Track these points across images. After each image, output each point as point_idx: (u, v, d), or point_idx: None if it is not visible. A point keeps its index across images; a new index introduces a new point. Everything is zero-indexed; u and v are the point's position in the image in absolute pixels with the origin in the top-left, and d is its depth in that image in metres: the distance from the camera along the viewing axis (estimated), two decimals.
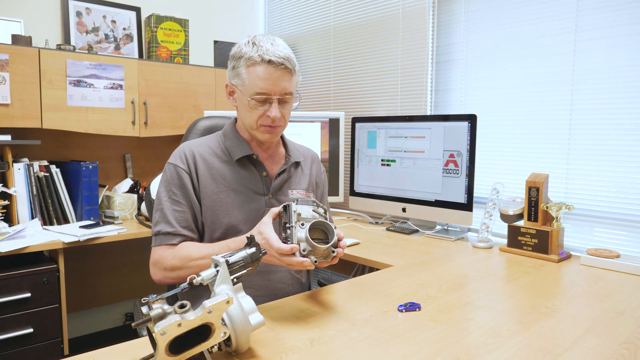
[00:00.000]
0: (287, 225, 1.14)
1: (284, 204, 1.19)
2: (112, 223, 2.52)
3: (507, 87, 2.25)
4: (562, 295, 1.41)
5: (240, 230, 1.34)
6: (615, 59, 1.91)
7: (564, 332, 1.13)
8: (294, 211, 1.15)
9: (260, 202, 1.39)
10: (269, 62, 1.27)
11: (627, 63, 1.88)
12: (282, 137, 1.52)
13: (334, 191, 2.71)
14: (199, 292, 1.32)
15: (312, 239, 1.12)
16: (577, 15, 2.00)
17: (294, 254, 1.11)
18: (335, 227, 1.15)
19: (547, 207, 1.86)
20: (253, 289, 1.34)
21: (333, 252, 1.14)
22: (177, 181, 1.35)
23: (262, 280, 1.38)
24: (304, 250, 1.12)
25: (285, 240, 1.14)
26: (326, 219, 1.17)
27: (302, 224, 1.13)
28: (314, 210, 1.17)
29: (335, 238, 1.13)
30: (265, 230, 1.15)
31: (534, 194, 1.89)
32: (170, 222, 1.32)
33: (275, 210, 1.20)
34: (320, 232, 1.16)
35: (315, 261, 1.12)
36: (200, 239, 1.37)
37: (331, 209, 1.68)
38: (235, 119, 1.47)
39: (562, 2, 2.04)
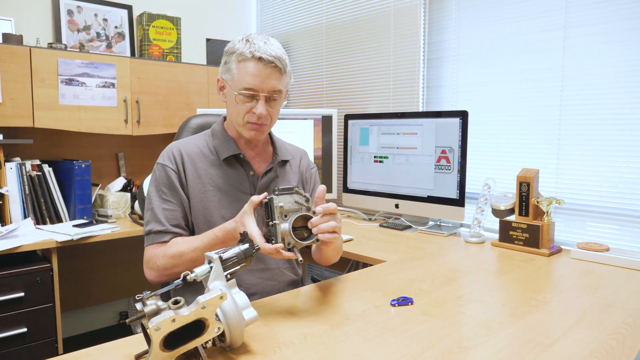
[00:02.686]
0: (270, 222, 1.14)
1: (266, 198, 1.16)
2: (106, 222, 2.52)
3: (497, 84, 2.27)
4: (552, 288, 1.43)
5: None
6: (604, 55, 1.93)
7: (554, 324, 1.15)
8: (276, 206, 1.13)
9: (247, 201, 1.39)
10: (260, 59, 1.27)
11: (616, 59, 1.90)
12: (270, 136, 1.52)
13: (327, 188, 2.71)
14: (193, 289, 1.33)
15: (296, 228, 1.13)
16: (566, 12, 2.02)
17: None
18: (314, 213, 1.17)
19: (537, 202, 1.88)
20: (244, 287, 1.35)
21: (317, 240, 1.15)
22: (166, 180, 1.35)
23: (253, 278, 1.39)
24: (288, 244, 1.13)
25: (268, 237, 1.14)
26: (308, 207, 1.17)
27: (285, 216, 1.14)
28: (296, 202, 1.16)
29: (317, 234, 1.15)
30: (248, 224, 1.14)
31: (525, 189, 1.91)
32: (160, 221, 1.32)
33: (256, 199, 1.17)
34: (304, 219, 1.16)
35: (301, 260, 1.14)
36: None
37: None
38: (224, 118, 1.47)
39: None
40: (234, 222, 1.19)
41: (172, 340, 0.85)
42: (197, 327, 0.87)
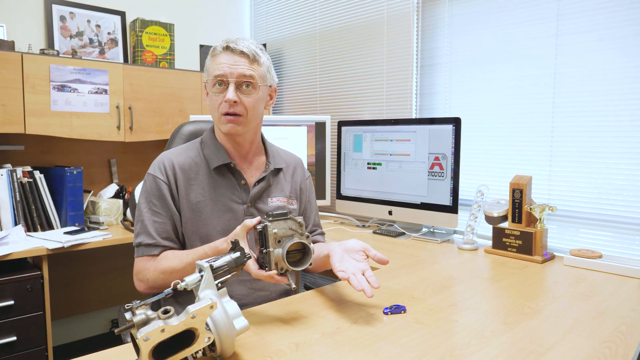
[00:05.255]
0: (264, 250, 1.14)
1: (259, 225, 1.16)
2: (97, 229, 2.50)
3: (490, 90, 2.28)
4: (545, 295, 1.43)
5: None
6: (596, 62, 1.94)
7: (546, 332, 1.15)
8: (270, 233, 1.13)
9: (239, 211, 1.38)
10: (227, 47, 1.32)
11: (608, 66, 1.92)
12: (264, 143, 1.51)
13: (320, 195, 2.71)
14: (183, 298, 1.31)
15: (289, 252, 1.14)
16: (557, 19, 2.04)
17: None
18: (310, 240, 1.17)
19: (530, 209, 1.88)
20: (236, 298, 1.34)
21: (310, 264, 1.17)
22: (157, 192, 1.34)
23: (244, 289, 1.38)
24: (281, 269, 1.13)
25: (261, 263, 1.15)
26: (302, 233, 1.17)
27: (279, 241, 1.14)
28: (290, 228, 1.16)
29: (310, 260, 1.16)
30: None
31: (518, 195, 1.91)
32: (150, 234, 1.31)
33: (249, 223, 1.16)
34: (298, 243, 1.16)
35: (295, 288, 1.15)
36: (182, 249, 1.36)
37: (319, 213, 1.68)
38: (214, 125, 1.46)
39: (543, 6, 2.07)
40: (226, 243, 1.18)
41: (161, 350, 0.84)
42: (187, 337, 0.86)
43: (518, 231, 1.88)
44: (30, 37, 2.67)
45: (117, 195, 2.76)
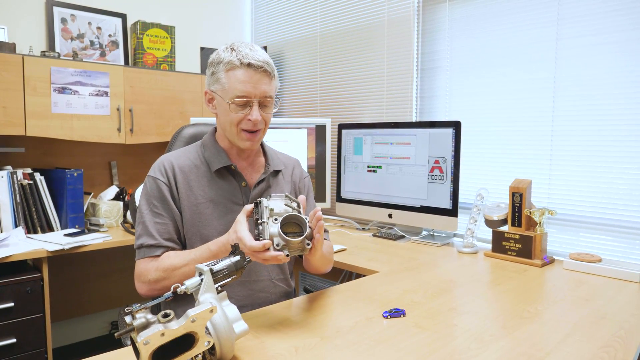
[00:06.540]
0: (259, 221, 1.14)
1: (256, 200, 1.19)
2: (98, 231, 2.50)
3: (490, 94, 2.28)
4: (544, 299, 1.43)
5: None
6: (596, 67, 1.95)
7: (546, 336, 1.15)
8: (266, 207, 1.14)
9: (240, 212, 1.39)
10: (249, 65, 1.28)
11: (607, 70, 1.92)
12: (262, 146, 1.52)
13: (320, 197, 2.71)
14: (184, 301, 1.32)
15: (287, 233, 1.12)
16: (558, 24, 2.04)
17: (267, 250, 1.10)
18: (308, 221, 1.16)
19: (530, 213, 1.88)
20: (236, 299, 1.34)
21: (308, 244, 1.14)
22: (158, 193, 1.35)
23: (244, 290, 1.38)
24: (277, 245, 1.11)
25: (257, 237, 1.13)
26: (299, 212, 1.17)
27: (275, 219, 1.13)
28: (286, 205, 1.16)
29: (309, 230, 1.14)
30: (239, 229, 1.15)
31: (518, 199, 1.91)
32: (152, 235, 1.31)
33: (249, 207, 1.20)
34: (295, 225, 1.15)
35: (288, 255, 1.11)
36: (184, 250, 1.36)
37: None
38: (215, 129, 1.46)
39: (543, 11, 2.08)
40: (227, 234, 1.19)
41: (161, 354, 0.84)
42: (186, 341, 0.86)
43: (518, 235, 1.88)
44: (32, 39, 2.67)
45: (117, 198, 2.76)
